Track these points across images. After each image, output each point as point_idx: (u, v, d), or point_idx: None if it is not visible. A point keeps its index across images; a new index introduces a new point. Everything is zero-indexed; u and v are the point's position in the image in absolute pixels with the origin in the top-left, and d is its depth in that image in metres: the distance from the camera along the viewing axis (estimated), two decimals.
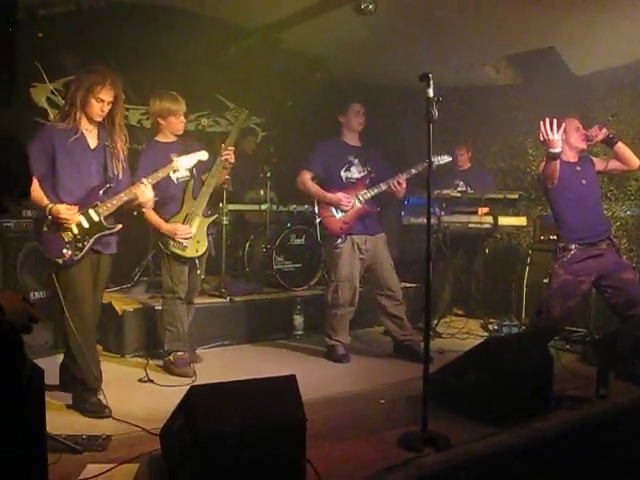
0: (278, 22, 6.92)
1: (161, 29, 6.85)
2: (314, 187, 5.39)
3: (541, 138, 4.42)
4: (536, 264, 6.54)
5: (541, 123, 4.39)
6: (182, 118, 4.91)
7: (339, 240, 5.27)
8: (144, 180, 4.14)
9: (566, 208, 4.76)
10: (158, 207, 4.68)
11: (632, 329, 4.65)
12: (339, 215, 5.28)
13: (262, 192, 7.34)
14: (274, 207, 7.33)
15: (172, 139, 4.92)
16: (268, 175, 7.16)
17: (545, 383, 3.98)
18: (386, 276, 5.44)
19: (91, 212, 3.89)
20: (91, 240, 3.89)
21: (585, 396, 4.12)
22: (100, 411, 3.77)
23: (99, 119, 3.97)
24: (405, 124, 8.14)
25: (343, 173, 5.37)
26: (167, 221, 4.75)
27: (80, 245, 3.84)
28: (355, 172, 5.41)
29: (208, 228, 4.97)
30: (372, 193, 5.30)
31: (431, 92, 3.52)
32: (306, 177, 5.40)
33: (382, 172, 5.40)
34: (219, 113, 8.13)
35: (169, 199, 4.79)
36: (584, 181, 4.72)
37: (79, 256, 3.84)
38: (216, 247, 6.60)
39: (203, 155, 4.60)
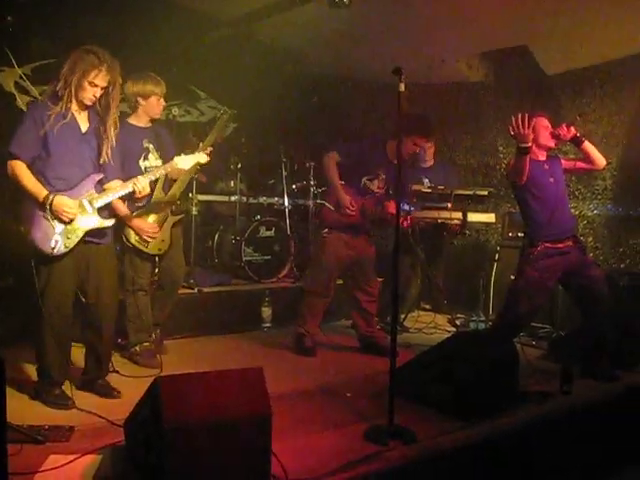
0: (251, 14, 6.90)
1: (134, 16, 6.77)
2: (336, 175, 5.26)
3: (511, 132, 4.45)
4: (504, 261, 6.59)
5: (512, 118, 4.42)
6: (162, 100, 4.81)
7: (327, 229, 5.28)
8: (140, 177, 4.00)
9: (533, 205, 4.79)
10: (125, 197, 4.51)
11: (596, 326, 4.71)
12: (338, 212, 5.27)
13: (232, 183, 7.32)
14: (244, 199, 7.31)
15: (145, 124, 4.80)
16: (239, 166, 7.13)
17: (511, 378, 4.01)
18: (367, 272, 5.46)
19: (84, 202, 3.72)
20: (83, 233, 3.72)
21: (550, 392, 4.17)
22: (64, 403, 3.70)
23: (89, 104, 3.76)
24: (375, 118, 8.14)
25: (366, 180, 5.31)
26: (133, 213, 4.61)
27: (70, 237, 3.66)
28: (375, 186, 5.34)
29: (174, 227, 4.87)
30: (373, 217, 5.31)
31: (402, 86, 3.52)
32: (333, 160, 5.26)
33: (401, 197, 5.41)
34: (191, 103, 8.05)
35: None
36: (551, 179, 4.75)
37: (69, 248, 3.66)
38: (185, 238, 6.54)
39: (202, 157, 4.47)
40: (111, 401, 3.85)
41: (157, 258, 4.80)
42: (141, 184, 3.97)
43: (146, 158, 4.72)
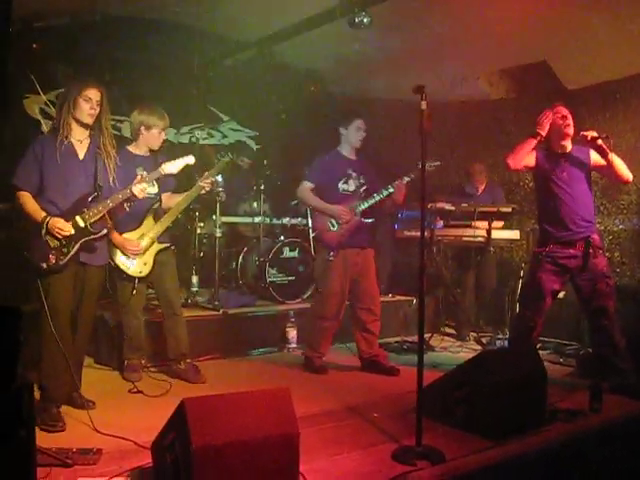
0: (272, 35, 6.97)
1: (156, 42, 6.90)
2: (314, 198, 5.36)
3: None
4: None
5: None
6: (163, 134, 4.99)
7: (332, 253, 5.27)
8: (136, 185, 4.13)
9: (541, 197, 4.76)
10: (116, 219, 4.50)
11: (605, 340, 4.64)
12: (335, 228, 5.26)
13: (255, 204, 7.35)
14: (267, 220, 7.33)
15: (144, 152, 4.93)
16: (262, 188, 7.17)
17: (539, 397, 3.96)
18: (370, 291, 5.43)
19: (77, 218, 3.91)
20: (76, 245, 3.90)
21: (579, 410, 4.11)
22: (54, 425, 3.70)
23: (91, 119, 3.97)
24: (398, 137, 8.15)
25: (341, 185, 5.34)
26: (121, 234, 4.73)
27: (65, 250, 3.86)
28: (352, 185, 5.38)
29: (158, 254, 4.92)
30: (367, 204, 5.28)
31: (424, 104, 3.53)
32: (306, 188, 5.37)
33: (376, 184, 5.39)
34: (213, 126, 8.14)
35: (129, 214, 4.53)
36: (565, 173, 4.66)
37: (64, 261, 3.85)
38: (209, 259, 6.59)
39: (189, 159, 4.60)
40: (137, 423, 3.84)
41: (137, 280, 4.88)
42: (138, 188, 4.12)
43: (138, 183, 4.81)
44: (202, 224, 6.65)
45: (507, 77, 7.48)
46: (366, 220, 5.34)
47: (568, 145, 4.76)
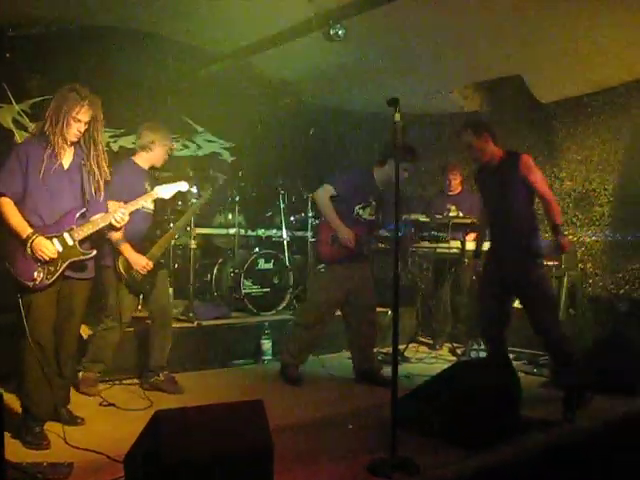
0: (248, 47, 6.98)
1: (131, 53, 6.89)
2: (332, 209, 5.21)
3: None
4: None
5: None
6: (167, 155, 5.07)
7: (322, 265, 5.27)
8: (122, 208, 4.01)
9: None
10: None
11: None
12: (335, 245, 5.23)
13: (230, 216, 7.33)
14: (242, 231, 7.32)
15: (147, 167, 4.97)
16: (237, 199, 7.15)
17: (513, 406, 3.98)
18: (366, 301, 5.42)
19: (65, 236, 3.74)
20: (64, 265, 3.74)
21: (553, 420, 4.14)
22: (38, 443, 3.64)
23: (75, 139, 3.83)
24: (375, 149, 8.20)
25: (357, 209, 5.28)
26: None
27: (52, 269, 3.70)
28: (366, 213, 5.32)
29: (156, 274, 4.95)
30: (370, 243, 5.33)
31: (398, 116, 3.55)
32: (327, 191, 5.25)
33: (388, 219, 5.43)
34: (188, 137, 8.11)
35: (136, 231, 4.68)
36: (490, 186, 4.77)
37: (50, 280, 3.69)
38: (184, 271, 6.55)
39: (182, 186, 4.58)
40: (109, 436, 3.80)
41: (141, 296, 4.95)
42: (119, 215, 3.96)
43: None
44: (177, 236, 6.62)
45: (481, 90, 7.55)
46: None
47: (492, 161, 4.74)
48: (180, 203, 6.24)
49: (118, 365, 5.16)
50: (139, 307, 5.43)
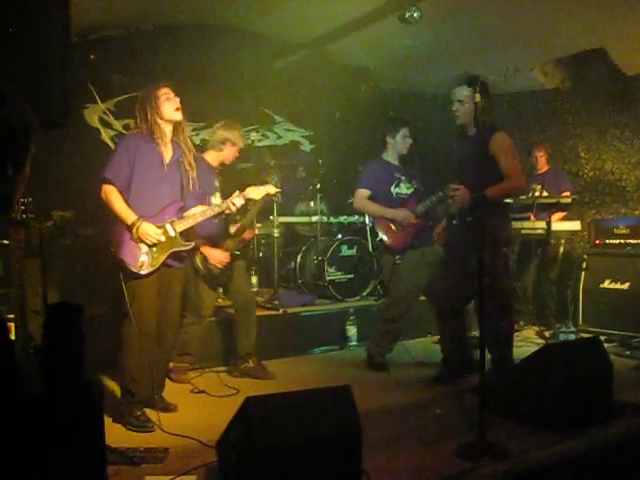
0: (324, 36, 6.99)
1: (208, 47, 7.01)
2: (374, 205, 5.33)
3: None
4: (592, 269, 6.42)
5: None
6: (237, 154, 5.18)
7: (398, 256, 5.26)
8: (237, 197, 4.24)
9: None
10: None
11: None
12: (399, 231, 5.26)
13: (312, 204, 7.39)
14: (324, 219, 7.36)
15: (217, 166, 5.12)
16: (318, 187, 7.20)
17: (605, 390, 3.89)
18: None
19: (168, 227, 3.92)
20: (167, 253, 3.92)
21: None
22: (143, 425, 3.79)
23: (179, 117, 3.98)
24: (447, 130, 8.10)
25: (393, 189, 5.33)
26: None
27: (156, 256, 3.87)
28: (404, 188, 5.37)
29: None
30: (425, 207, 5.25)
31: (477, 97, 3.52)
32: (363, 195, 5.36)
33: (426, 189, 5.38)
34: (267, 127, 8.20)
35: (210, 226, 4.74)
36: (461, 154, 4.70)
37: (155, 267, 3.87)
38: (268, 260, 6.66)
39: (271, 189, 4.55)
40: (201, 422, 3.92)
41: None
42: (238, 200, 4.21)
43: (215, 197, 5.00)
44: (260, 225, 6.72)
45: (563, 66, 7.34)
46: (426, 221, 5.34)
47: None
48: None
49: (206, 354, 5.33)
50: (219, 299, 5.56)
